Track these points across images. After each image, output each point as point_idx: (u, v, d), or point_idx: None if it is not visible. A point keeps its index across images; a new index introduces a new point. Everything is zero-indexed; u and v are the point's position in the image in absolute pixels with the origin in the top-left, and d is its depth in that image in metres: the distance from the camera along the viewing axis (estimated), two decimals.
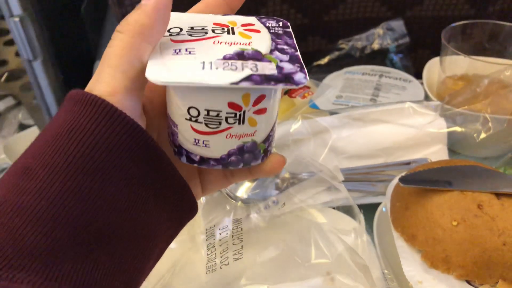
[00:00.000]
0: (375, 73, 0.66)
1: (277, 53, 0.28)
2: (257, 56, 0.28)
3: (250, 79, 0.26)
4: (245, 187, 0.48)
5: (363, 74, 0.66)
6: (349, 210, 0.46)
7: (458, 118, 0.52)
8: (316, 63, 0.78)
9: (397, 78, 0.65)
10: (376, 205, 0.47)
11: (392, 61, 0.77)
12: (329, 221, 0.47)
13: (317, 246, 0.44)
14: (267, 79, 0.26)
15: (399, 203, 0.43)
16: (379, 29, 0.76)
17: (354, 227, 0.44)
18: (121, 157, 0.25)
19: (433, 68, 0.65)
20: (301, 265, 0.42)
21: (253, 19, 0.32)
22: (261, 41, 0.29)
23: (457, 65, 0.60)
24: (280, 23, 0.32)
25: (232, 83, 0.26)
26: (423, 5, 0.77)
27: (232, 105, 0.28)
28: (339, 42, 0.77)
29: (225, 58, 0.27)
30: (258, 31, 0.31)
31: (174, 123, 0.30)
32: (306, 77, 0.27)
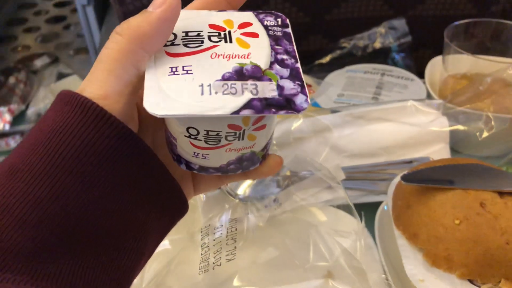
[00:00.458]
0: (377, 72, 0.66)
1: (277, 67, 0.28)
2: (257, 73, 0.27)
3: (251, 105, 0.25)
4: (246, 185, 0.48)
5: (365, 73, 0.66)
6: (351, 209, 0.46)
7: (461, 117, 0.52)
8: (317, 61, 0.78)
9: (399, 77, 0.64)
10: (378, 203, 0.47)
11: (394, 60, 0.76)
12: (329, 221, 0.47)
13: (314, 248, 0.43)
14: (268, 105, 0.26)
15: (400, 201, 0.42)
16: (381, 28, 0.76)
17: (354, 229, 0.44)
18: (110, 160, 0.24)
19: (435, 67, 0.65)
20: (297, 268, 0.42)
21: (250, 15, 0.31)
22: (260, 51, 0.28)
23: (460, 63, 0.60)
24: (279, 20, 0.31)
25: (233, 112, 0.25)
26: (425, 4, 0.77)
27: (232, 126, 0.28)
28: (341, 41, 0.77)
29: (224, 78, 0.26)
30: (256, 35, 0.29)
31: (172, 136, 0.29)
32: (308, 100, 0.26)
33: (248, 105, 0.25)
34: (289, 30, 0.30)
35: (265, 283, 0.41)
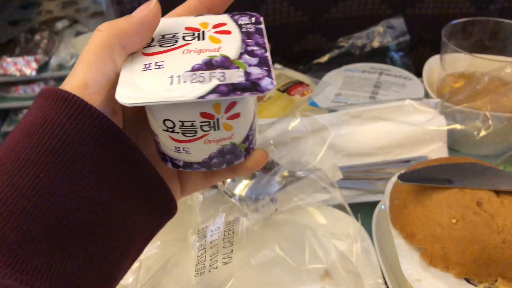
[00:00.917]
0: (374, 71, 0.66)
1: (246, 56, 0.29)
2: (225, 63, 0.28)
3: (217, 90, 0.26)
4: (243, 185, 0.48)
5: (362, 72, 0.66)
6: (347, 209, 0.45)
7: (458, 116, 0.52)
8: (316, 61, 0.78)
9: (397, 76, 0.64)
10: (375, 203, 0.47)
11: (392, 59, 0.76)
12: (326, 222, 0.47)
13: (310, 251, 0.43)
14: (234, 89, 0.26)
15: (397, 201, 0.42)
16: (379, 27, 0.76)
17: (351, 230, 0.44)
18: (93, 151, 0.24)
19: (433, 66, 0.65)
20: (293, 270, 0.42)
21: (225, 17, 0.32)
22: (231, 44, 0.30)
23: (458, 62, 0.60)
24: (253, 18, 0.32)
25: (198, 97, 0.26)
26: (423, 3, 0.77)
27: (204, 114, 0.29)
28: (339, 40, 0.77)
29: (194, 69, 0.28)
30: (229, 32, 0.31)
31: (154, 133, 0.31)
32: (273, 83, 0.27)
33: (214, 90, 0.26)
34: (262, 26, 0.31)
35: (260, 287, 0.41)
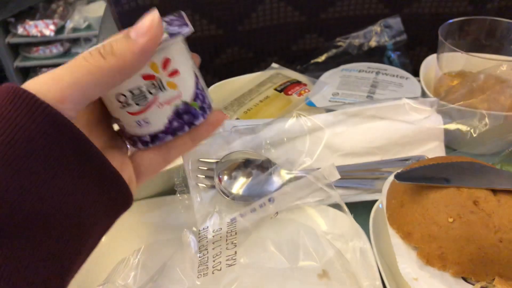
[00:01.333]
0: (371, 70, 0.66)
1: (165, 24, 0.31)
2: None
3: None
4: (240, 184, 0.48)
5: (359, 71, 0.66)
6: (344, 209, 0.45)
7: (455, 114, 0.52)
8: (313, 60, 0.78)
9: (394, 75, 0.64)
10: (372, 202, 0.46)
11: (389, 58, 0.76)
12: (324, 221, 0.47)
13: (309, 250, 0.43)
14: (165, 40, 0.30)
15: (394, 200, 0.42)
16: (376, 27, 0.76)
17: (348, 230, 0.44)
18: (41, 146, 0.24)
19: (430, 65, 0.65)
20: (293, 271, 0.42)
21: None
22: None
23: (454, 62, 0.59)
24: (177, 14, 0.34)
25: None
26: (420, 2, 0.77)
27: (145, 76, 0.31)
28: (337, 40, 0.77)
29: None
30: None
31: (116, 118, 0.33)
32: (189, 29, 0.31)
33: None
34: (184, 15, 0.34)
35: None
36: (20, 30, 1.86)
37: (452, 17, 0.62)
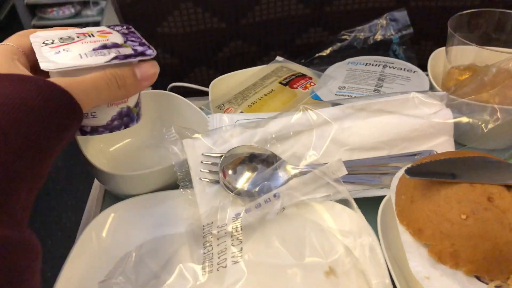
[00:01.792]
0: (378, 64, 0.65)
1: (129, 42, 0.40)
2: (116, 45, 0.39)
3: (117, 58, 0.37)
4: (245, 179, 0.47)
5: (366, 65, 0.65)
6: (352, 204, 0.44)
7: (465, 109, 0.50)
8: (317, 54, 0.77)
9: (401, 69, 0.63)
10: (381, 198, 0.45)
11: (395, 52, 0.75)
12: (331, 217, 0.46)
13: (316, 247, 0.42)
14: (128, 57, 0.38)
15: (404, 196, 0.41)
16: (382, 20, 0.74)
17: (356, 226, 0.43)
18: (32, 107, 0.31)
19: (438, 59, 0.64)
20: (300, 267, 0.41)
21: (103, 27, 0.43)
22: (115, 38, 0.40)
23: (464, 55, 0.58)
24: (124, 27, 0.44)
25: (106, 61, 0.37)
26: None
27: None
28: (341, 33, 0.76)
29: (94, 49, 0.38)
30: (110, 33, 0.42)
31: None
32: (154, 51, 0.39)
33: (115, 58, 0.37)
34: (133, 29, 0.43)
35: None
36: None
37: (458, 10, 0.60)
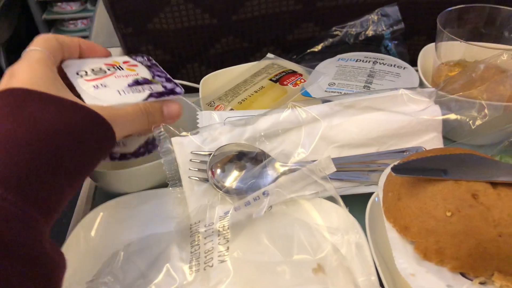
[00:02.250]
0: (369, 60, 0.65)
1: (157, 78, 0.45)
2: (148, 81, 0.44)
3: (151, 95, 0.43)
4: (233, 177, 0.47)
5: (356, 61, 0.65)
6: (340, 202, 0.44)
7: (453, 105, 0.50)
8: (309, 50, 0.77)
9: (391, 65, 0.63)
10: (369, 195, 0.45)
11: (387, 48, 0.75)
12: (319, 215, 0.46)
13: (304, 244, 0.42)
14: (161, 94, 0.43)
15: (391, 193, 0.41)
16: (373, 15, 0.74)
17: (344, 224, 0.43)
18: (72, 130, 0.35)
19: (428, 55, 0.63)
20: (288, 265, 0.41)
21: (127, 57, 0.48)
22: (143, 72, 0.46)
23: (453, 51, 0.58)
24: (145, 57, 0.49)
25: (143, 99, 0.42)
26: None
27: None
28: (333, 29, 0.76)
29: (129, 85, 0.43)
30: (136, 65, 0.47)
31: None
32: (182, 89, 0.45)
33: (150, 96, 0.42)
34: (154, 61, 0.49)
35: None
36: None
37: (450, 5, 0.60)
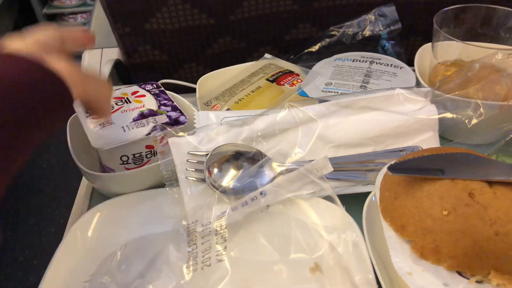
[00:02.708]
0: (365, 60, 0.65)
1: (163, 107, 0.49)
2: (153, 113, 0.49)
3: (155, 128, 0.47)
4: (231, 177, 0.47)
5: (353, 61, 0.65)
6: (337, 201, 0.44)
7: (450, 104, 0.50)
8: (306, 50, 0.77)
9: (388, 65, 0.63)
10: (366, 194, 0.45)
11: (384, 48, 0.75)
12: (316, 214, 0.46)
13: (301, 244, 0.42)
14: (164, 127, 0.46)
15: (388, 192, 0.41)
16: (370, 15, 0.74)
17: (341, 224, 0.43)
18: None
19: (425, 54, 0.64)
20: (286, 265, 0.41)
21: (136, 87, 0.53)
22: (150, 103, 0.50)
23: (449, 50, 0.58)
24: (154, 85, 0.54)
25: (146, 134, 0.46)
26: None
27: (148, 146, 0.48)
28: (330, 29, 0.76)
29: (134, 120, 0.47)
30: (144, 95, 0.51)
31: (110, 168, 0.48)
32: (186, 118, 0.49)
33: (153, 129, 0.47)
34: (162, 88, 0.54)
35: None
36: None
37: (447, 5, 0.60)
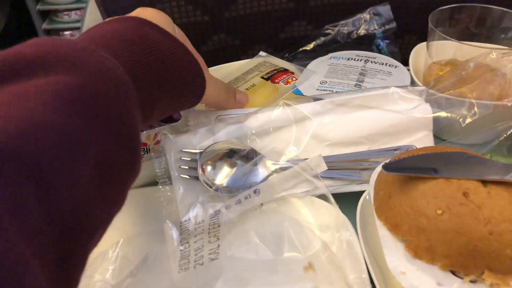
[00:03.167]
0: (360, 58, 0.65)
1: None
2: None
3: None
4: (224, 175, 0.46)
5: (348, 59, 0.64)
6: (331, 200, 0.44)
7: (444, 103, 0.50)
8: (301, 48, 0.76)
9: (383, 64, 0.63)
10: (360, 193, 0.45)
11: (378, 47, 0.75)
12: (310, 213, 0.45)
13: (294, 243, 0.42)
14: (159, 123, 0.47)
15: (382, 191, 0.41)
16: (365, 14, 0.74)
17: (335, 222, 0.43)
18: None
19: (419, 54, 0.64)
20: (280, 264, 0.41)
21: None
22: None
23: (444, 50, 0.58)
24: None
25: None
26: None
27: (143, 143, 0.47)
28: (325, 28, 0.75)
29: None
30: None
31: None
32: (180, 115, 0.49)
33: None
34: None
35: (250, 285, 0.39)
36: None
37: (442, 4, 0.60)
